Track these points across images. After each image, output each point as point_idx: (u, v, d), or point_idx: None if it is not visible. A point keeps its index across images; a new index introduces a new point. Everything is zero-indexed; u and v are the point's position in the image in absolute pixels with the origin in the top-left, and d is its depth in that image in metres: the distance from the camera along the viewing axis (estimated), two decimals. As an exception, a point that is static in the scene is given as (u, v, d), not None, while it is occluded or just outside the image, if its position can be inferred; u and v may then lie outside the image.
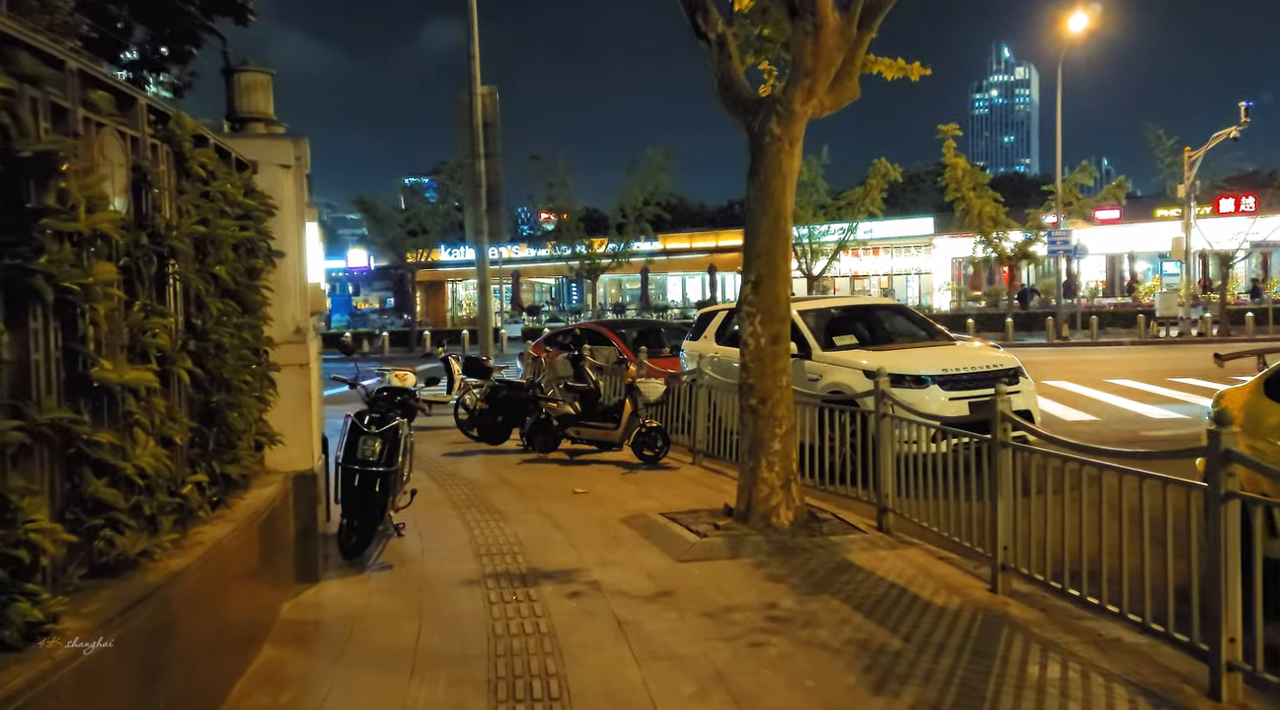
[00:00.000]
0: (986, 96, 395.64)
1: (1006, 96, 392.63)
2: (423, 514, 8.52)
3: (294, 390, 6.29)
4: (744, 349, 7.79)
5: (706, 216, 68.15)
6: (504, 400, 12.28)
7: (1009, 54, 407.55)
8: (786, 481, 7.57)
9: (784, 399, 7.68)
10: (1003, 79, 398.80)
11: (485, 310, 15.48)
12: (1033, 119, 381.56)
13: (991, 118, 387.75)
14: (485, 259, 15.29)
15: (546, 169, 36.84)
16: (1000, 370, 10.42)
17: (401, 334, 40.27)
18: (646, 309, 48.06)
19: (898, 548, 7.10)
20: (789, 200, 7.84)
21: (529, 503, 9.02)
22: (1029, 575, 5.73)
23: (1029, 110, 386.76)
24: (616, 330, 16.85)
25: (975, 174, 36.08)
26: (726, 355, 12.41)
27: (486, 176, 15.14)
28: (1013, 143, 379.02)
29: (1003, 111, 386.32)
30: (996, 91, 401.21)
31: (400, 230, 38.02)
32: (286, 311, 6.30)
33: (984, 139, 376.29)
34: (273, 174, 6.27)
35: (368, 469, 7.13)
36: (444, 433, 13.91)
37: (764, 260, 7.73)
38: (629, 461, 11.14)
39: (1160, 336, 33.93)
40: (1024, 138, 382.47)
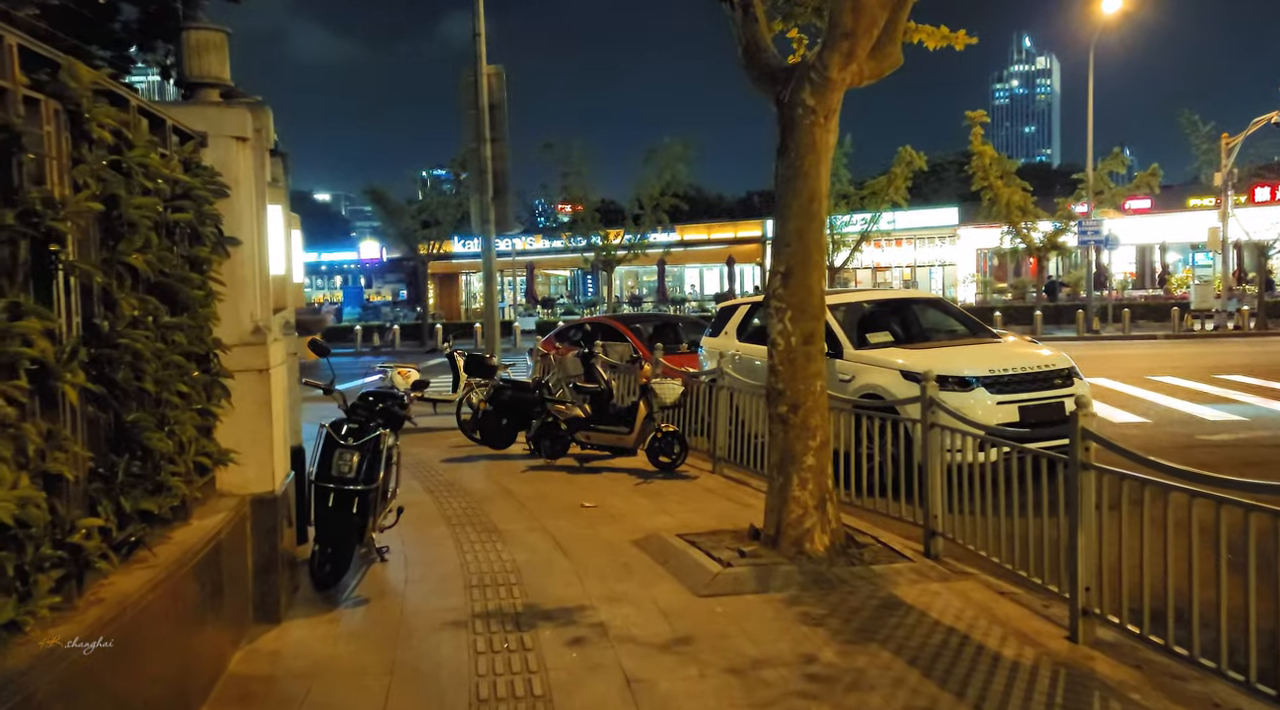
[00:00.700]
0: (1007, 87, 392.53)
1: (1027, 86, 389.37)
2: (412, 533, 7.63)
3: (251, 400, 5.40)
4: (772, 349, 6.86)
5: (725, 208, 67.14)
6: (509, 401, 11.38)
7: (1030, 44, 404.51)
8: (821, 501, 6.64)
9: (818, 406, 6.75)
10: (1024, 69, 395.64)
11: (491, 303, 14.58)
12: (1054, 109, 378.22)
13: (1012, 108, 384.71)
14: (492, 249, 14.39)
15: (560, 158, 35.90)
16: (1053, 371, 9.44)
17: (413, 327, 39.42)
18: (663, 301, 47.09)
19: (950, 580, 6.16)
20: (823, 181, 6.90)
21: (531, 519, 8.12)
22: (1120, 625, 4.79)
23: (1050, 100, 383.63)
24: (631, 325, 15.92)
25: (1003, 162, 34.95)
26: (749, 353, 11.48)
27: (493, 162, 14.22)
28: (1033, 133, 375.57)
29: (1024, 102, 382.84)
30: (1017, 81, 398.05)
31: (413, 221, 37.13)
32: (242, 308, 5.41)
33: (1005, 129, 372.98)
34: (225, 148, 5.38)
35: (344, 487, 6.24)
36: (446, 434, 13.04)
37: (795, 248, 6.79)
38: (643, 469, 10.23)
39: (1195, 330, 32.77)
40: (1045, 128, 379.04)
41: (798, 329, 6.75)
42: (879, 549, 6.70)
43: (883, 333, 10.59)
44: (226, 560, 4.89)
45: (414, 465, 10.89)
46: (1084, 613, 4.99)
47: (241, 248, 5.40)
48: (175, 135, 4.97)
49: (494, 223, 14.26)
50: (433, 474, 10.37)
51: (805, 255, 6.80)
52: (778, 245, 6.91)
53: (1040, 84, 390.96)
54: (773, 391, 6.82)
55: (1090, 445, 5.00)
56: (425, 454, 11.70)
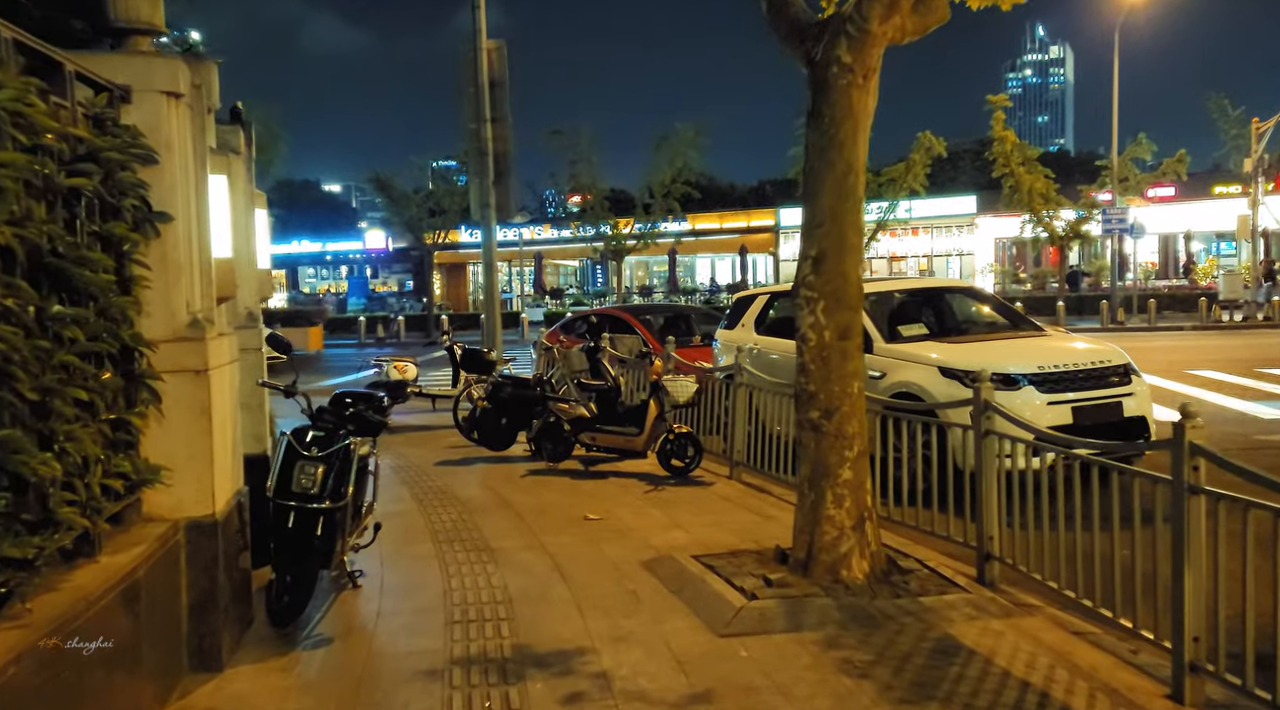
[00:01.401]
0: (1020, 75, 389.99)
1: (1041, 75, 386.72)
2: (393, 551, 6.77)
3: (186, 407, 4.53)
4: (802, 345, 5.96)
5: (737, 197, 66.04)
6: (508, 400, 10.50)
7: (1044, 32, 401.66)
8: (860, 521, 5.74)
9: (855, 412, 5.85)
10: (1037, 58, 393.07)
11: (492, 294, 13.68)
12: (1067, 98, 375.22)
13: (1025, 97, 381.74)
14: (492, 237, 13.50)
15: (569, 145, 34.91)
16: (1109, 367, 8.52)
17: (418, 318, 38.57)
18: (674, 292, 46.13)
19: (1014, 615, 5.26)
20: (861, 151, 5.99)
21: (528, 534, 7.25)
22: (1243, 687, 3.89)
23: (1063, 89, 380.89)
24: (640, 316, 15.01)
25: (1024, 148, 33.87)
26: (769, 347, 10.58)
27: (493, 143, 13.34)
28: (1046, 122, 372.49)
29: (1037, 90, 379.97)
30: (1030, 70, 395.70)
31: (418, 210, 36.22)
32: (175, 297, 4.53)
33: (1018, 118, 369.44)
34: (154, 106, 4.49)
35: (306, 506, 5.37)
36: (443, 434, 12.19)
37: (828, 230, 5.88)
38: (654, 473, 9.36)
39: (1224, 321, 31.70)
40: (1058, 117, 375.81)
41: (831, 322, 5.85)
42: (926, 575, 5.80)
43: (916, 325, 9.67)
44: (149, 602, 4.02)
45: (405, 469, 10.04)
46: (1191, 669, 4.09)
47: (175, 225, 4.52)
48: (86, 87, 4.10)
49: (494, 209, 13.38)
50: (424, 479, 9.50)
51: (840, 238, 5.89)
52: (808, 227, 6.01)
53: (1053, 73, 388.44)
54: (802, 394, 5.92)
55: (1200, 463, 4.10)
56: (418, 456, 10.84)
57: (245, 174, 6.57)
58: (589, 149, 34.85)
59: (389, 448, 11.36)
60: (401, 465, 10.24)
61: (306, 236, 54.18)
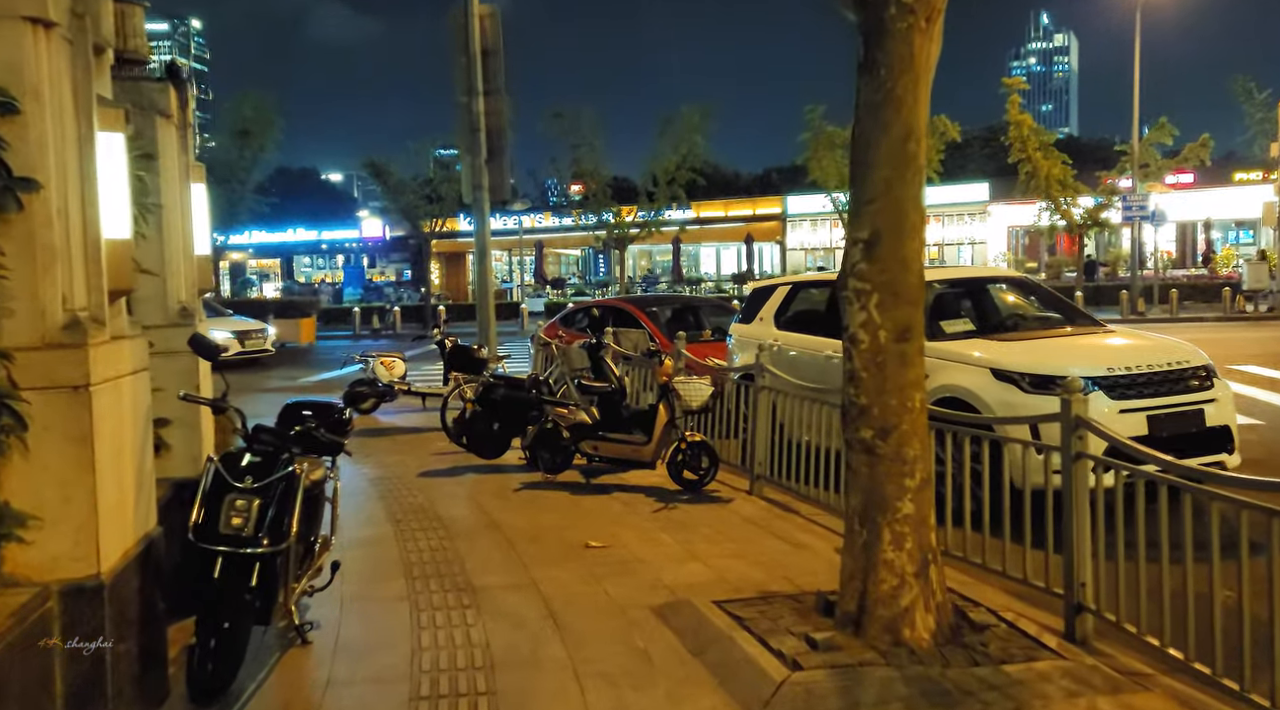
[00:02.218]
0: (1024, 64, 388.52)
1: (1045, 64, 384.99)
2: (357, 591, 5.70)
3: (59, 434, 3.46)
4: (852, 349, 4.87)
5: (742, 185, 64.89)
6: (501, 402, 9.42)
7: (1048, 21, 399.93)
8: (923, 565, 4.67)
9: (917, 430, 4.76)
10: (1041, 46, 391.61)
11: (485, 284, 12.56)
12: (1072, 87, 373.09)
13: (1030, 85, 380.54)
14: (485, 221, 12.40)
15: (570, 129, 33.70)
16: (1188, 369, 7.43)
17: (415, 309, 37.46)
18: (679, 281, 45.03)
19: (1122, 690, 4.17)
20: (922, 111, 4.89)
21: (518, 567, 6.18)
22: None
23: (1068, 78, 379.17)
24: (645, 308, 13.89)
25: (1041, 133, 32.67)
26: (792, 344, 9.50)
27: (486, 118, 12.24)
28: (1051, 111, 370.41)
29: (1041, 79, 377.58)
30: (1035, 59, 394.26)
31: (414, 196, 35.05)
32: (46, 290, 3.45)
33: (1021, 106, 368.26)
34: (14, 37, 3.40)
35: (237, 551, 4.30)
36: (431, 437, 11.11)
37: (883, 205, 4.79)
38: (664, 488, 8.29)
39: (1248, 312, 30.59)
40: (1062, 106, 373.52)
41: (888, 319, 4.76)
42: (1005, 632, 4.71)
43: (960, 320, 8.58)
44: None
45: (384, 481, 8.97)
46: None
47: (44, 196, 3.43)
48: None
49: (487, 190, 12.28)
50: (404, 494, 8.43)
51: (898, 215, 4.79)
52: (858, 204, 4.91)
53: (1058, 62, 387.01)
54: (852, 408, 4.83)
55: None
56: (401, 464, 9.77)
57: (179, 142, 5.50)
58: (591, 133, 33.67)
59: (369, 455, 10.30)
60: (380, 477, 9.17)
61: (302, 225, 53.08)
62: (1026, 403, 7.07)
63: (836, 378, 8.79)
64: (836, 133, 32.91)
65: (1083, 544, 4.76)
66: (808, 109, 33.32)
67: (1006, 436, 5.91)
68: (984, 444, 5.74)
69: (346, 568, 5.73)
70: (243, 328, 23.07)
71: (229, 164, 35.29)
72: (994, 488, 5.62)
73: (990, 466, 5.64)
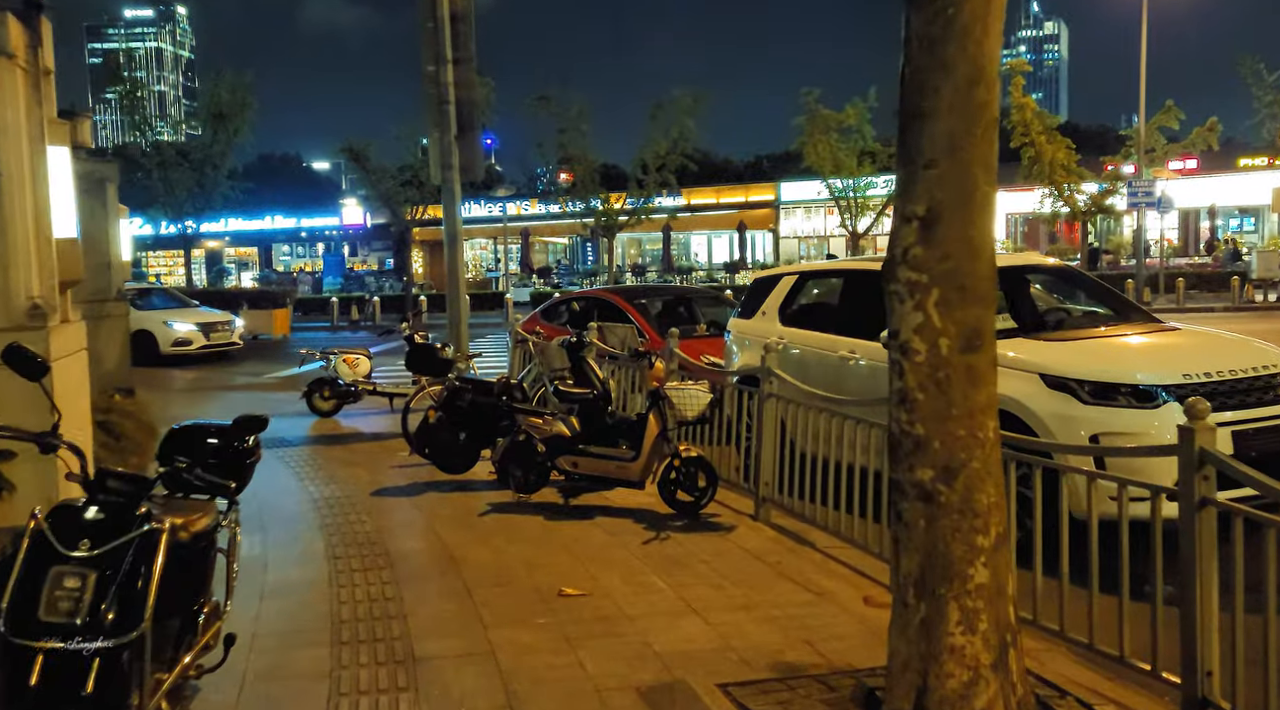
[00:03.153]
0: (1014, 52, 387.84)
1: (1035, 52, 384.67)
2: (265, 665, 4.50)
3: None
4: (904, 361, 3.68)
5: (733, 172, 63.66)
6: (467, 410, 8.24)
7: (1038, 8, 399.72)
8: (1002, 651, 3.50)
9: (991, 469, 3.59)
10: (1031, 34, 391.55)
11: (456, 273, 11.31)
12: (1061, 75, 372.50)
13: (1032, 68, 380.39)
14: (456, 203, 11.16)
15: (558, 113, 32.38)
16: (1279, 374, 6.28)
17: (396, 299, 36.16)
18: (669, 270, 43.84)
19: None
20: (993, 48, 3.72)
21: (474, 625, 4.99)
22: None
23: (1057, 66, 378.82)
24: (633, 300, 12.67)
25: (1044, 117, 31.52)
26: (799, 342, 8.34)
27: (456, 89, 11.01)
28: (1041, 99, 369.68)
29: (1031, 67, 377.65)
30: (1025, 47, 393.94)
31: (394, 182, 33.69)
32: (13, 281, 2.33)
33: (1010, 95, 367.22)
34: None
35: (66, 645, 3.10)
36: (395, 445, 9.93)
37: (945, 170, 3.60)
38: (654, 511, 7.13)
39: (1258, 302, 29.55)
40: (1052, 94, 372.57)
41: (952, 322, 3.58)
42: (1109, 740, 3.56)
43: (999, 317, 7.42)
44: None
45: (331, 503, 7.78)
46: None
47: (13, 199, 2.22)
48: None
49: (458, 170, 11.05)
50: (351, 520, 7.23)
51: (965, 184, 3.61)
52: (910, 169, 3.70)
53: (1048, 49, 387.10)
54: (904, 440, 3.65)
55: None
56: (355, 479, 8.58)
57: (28, 92, 4.25)
58: (579, 117, 32.33)
59: (321, 468, 9.12)
60: (328, 498, 7.97)
61: (280, 212, 51.58)
62: (1086, 416, 5.96)
63: (852, 382, 7.64)
64: (831, 116, 31.75)
65: (1209, 619, 3.61)
66: (803, 92, 32.13)
67: (1083, 469, 4.77)
68: (1035, 470, 4.64)
69: (264, 625, 4.59)
70: (207, 320, 21.80)
71: (203, 148, 33.92)
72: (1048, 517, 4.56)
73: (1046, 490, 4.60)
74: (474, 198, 51.73)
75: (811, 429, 6.63)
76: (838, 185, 32.12)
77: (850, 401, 6.47)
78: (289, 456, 9.81)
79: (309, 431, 11.49)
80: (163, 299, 23.29)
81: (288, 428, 11.69)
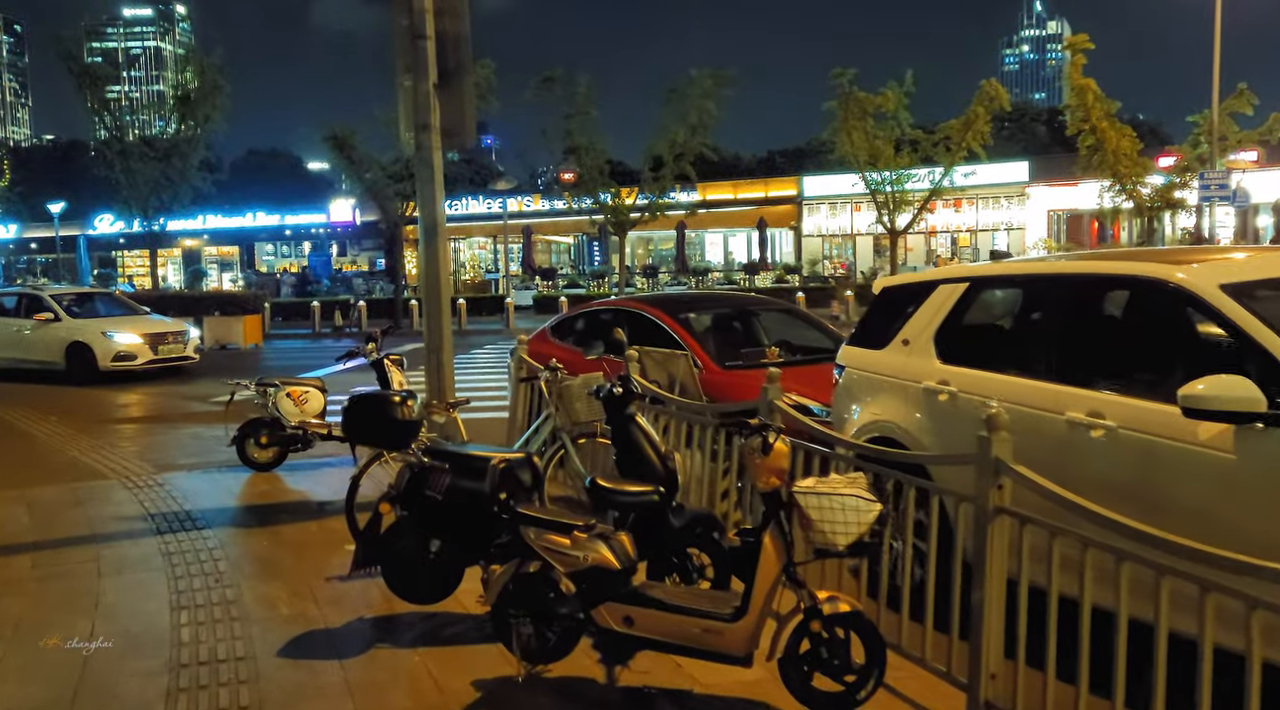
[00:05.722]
0: (1017, 52, 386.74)
1: (1038, 52, 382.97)
2: None
3: None
4: None
5: (744, 168, 60.44)
6: (443, 505, 4.96)
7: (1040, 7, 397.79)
8: None
9: None
10: (1034, 34, 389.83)
11: (436, 280, 7.96)
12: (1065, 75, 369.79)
13: (1021, 74, 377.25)
14: (436, 179, 7.87)
15: (564, 98, 29.09)
16: None
17: (384, 303, 32.89)
18: (683, 272, 40.54)
19: None
20: None
21: None
22: None
23: (1060, 66, 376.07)
24: (676, 315, 9.36)
25: (1105, 101, 28.18)
26: (981, 390, 5.07)
27: (438, 20, 7.77)
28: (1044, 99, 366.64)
29: (1034, 67, 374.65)
30: (1028, 47, 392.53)
31: (380, 173, 30.36)
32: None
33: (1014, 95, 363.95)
34: None
35: None
36: (343, 529, 6.65)
37: None
38: (771, 706, 3.91)
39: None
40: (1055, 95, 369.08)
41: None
42: None
43: None
44: None
45: (211, 671, 4.53)
46: None
47: None
48: None
49: (437, 130, 7.80)
50: None
51: None
52: None
53: (1051, 49, 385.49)
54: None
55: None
56: (266, 611, 5.35)
57: None
58: (586, 100, 29.04)
59: (225, 575, 5.89)
60: (207, 655, 4.72)
61: (262, 208, 48.16)
62: None
63: (1094, 464, 4.43)
64: (869, 100, 28.42)
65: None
66: (835, 73, 28.74)
67: None
68: None
69: None
70: (155, 329, 18.55)
71: (169, 137, 30.66)
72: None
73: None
74: (472, 193, 48.49)
75: (1055, 556, 3.44)
76: (874, 177, 28.82)
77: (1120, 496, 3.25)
78: (182, 551, 6.58)
79: (232, 498, 8.29)
80: (106, 305, 20.04)
81: (204, 491, 8.49)
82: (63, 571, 6.21)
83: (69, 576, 6.10)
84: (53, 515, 7.72)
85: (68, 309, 18.76)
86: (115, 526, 7.30)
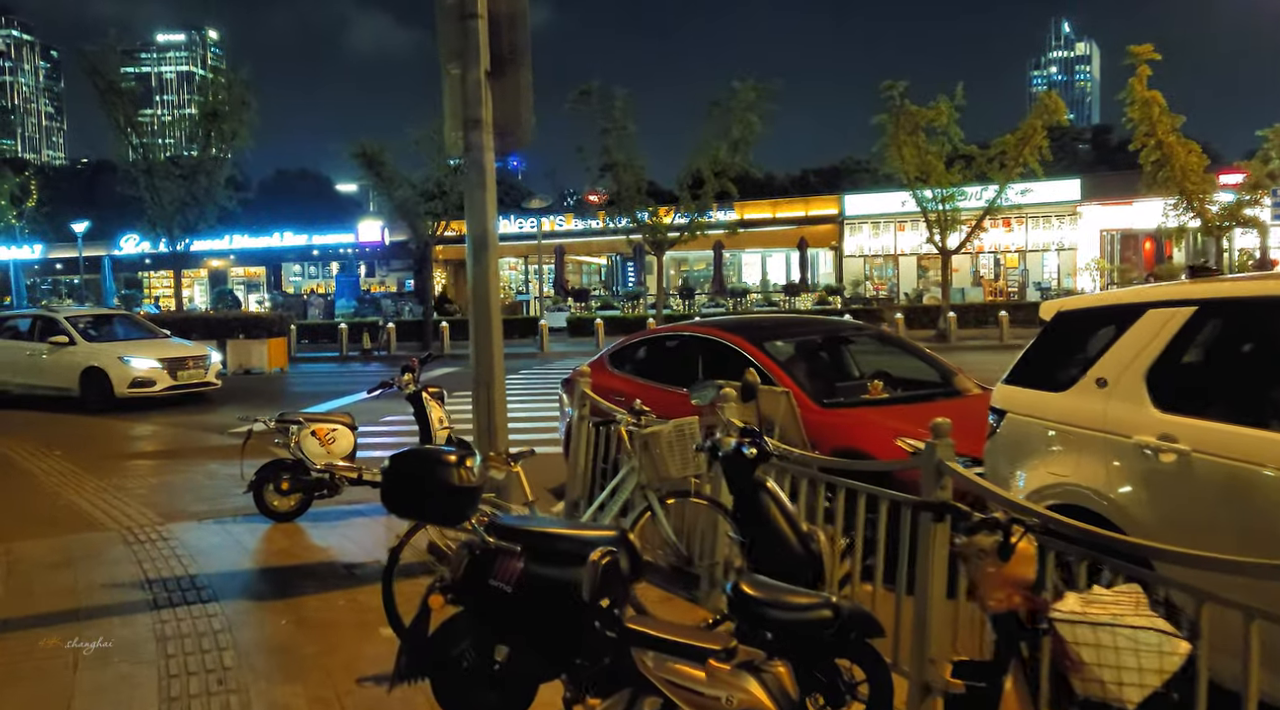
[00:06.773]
0: (1045, 73, 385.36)
1: (1066, 73, 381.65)
2: None
3: None
4: None
5: (777, 187, 59.17)
6: (515, 601, 3.70)
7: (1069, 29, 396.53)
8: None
9: None
10: (1062, 55, 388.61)
11: (487, 300, 6.73)
12: (1094, 96, 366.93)
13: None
14: (488, 184, 6.66)
15: (601, 111, 27.95)
16: None
17: (414, 325, 31.78)
18: (721, 293, 39.23)
19: None
20: None
21: None
22: None
23: (1088, 87, 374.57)
24: (760, 343, 8.09)
25: (1172, 116, 26.76)
26: (1224, 449, 3.78)
27: (491, 3, 6.58)
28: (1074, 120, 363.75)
29: (1062, 88, 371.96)
30: (1056, 68, 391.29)
31: (412, 190, 29.29)
32: None
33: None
34: None
35: None
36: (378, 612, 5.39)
37: None
38: None
39: None
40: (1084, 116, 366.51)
41: None
42: None
43: None
44: None
45: None
46: None
47: None
48: None
49: (489, 126, 6.60)
50: None
51: None
52: None
53: (1080, 70, 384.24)
54: None
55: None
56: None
57: None
58: (624, 114, 27.92)
59: (228, 671, 4.65)
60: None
61: (290, 228, 47.27)
62: None
63: None
64: (921, 113, 27.16)
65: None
66: (885, 85, 27.52)
67: None
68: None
69: None
70: (175, 354, 17.48)
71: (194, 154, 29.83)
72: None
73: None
74: (503, 212, 47.42)
75: None
76: (926, 195, 27.52)
77: None
78: (181, 634, 5.36)
79: (246, 558, 7.09)
80: (125, 328, 19.03)
81: (214, 548, 7.29)
82: (30, 664, 5.00)
83: (36, 673, 4.88)
84: (32, 581, 6.53)
85: (84, 332, 17.75)
86: (105, 597, 6.10)
